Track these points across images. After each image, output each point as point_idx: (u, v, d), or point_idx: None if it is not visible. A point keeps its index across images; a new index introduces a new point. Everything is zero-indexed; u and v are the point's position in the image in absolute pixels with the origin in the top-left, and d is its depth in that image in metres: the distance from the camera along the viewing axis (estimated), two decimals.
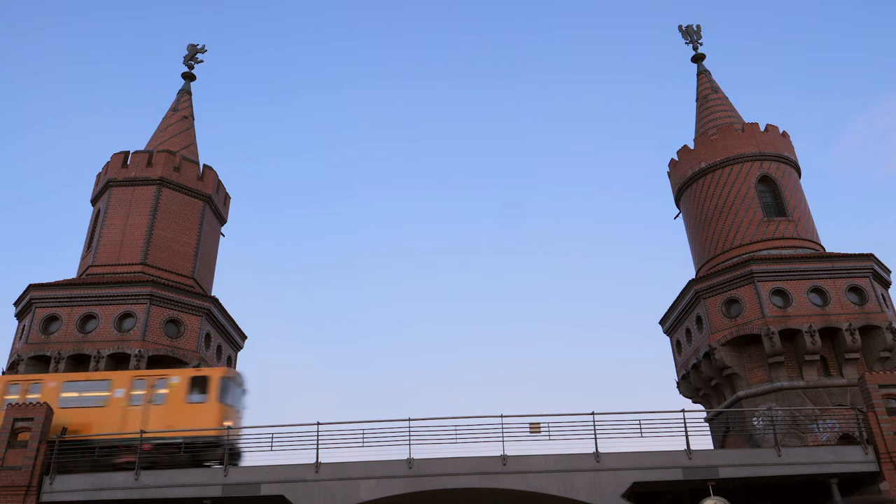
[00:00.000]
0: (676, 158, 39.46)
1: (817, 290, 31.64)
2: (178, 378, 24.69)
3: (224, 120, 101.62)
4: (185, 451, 23.24)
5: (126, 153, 37.10)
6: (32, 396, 24.64)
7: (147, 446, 23.21)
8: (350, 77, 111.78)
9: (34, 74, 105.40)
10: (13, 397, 24.82)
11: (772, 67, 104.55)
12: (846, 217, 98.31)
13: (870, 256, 32.27)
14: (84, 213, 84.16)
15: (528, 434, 23.14)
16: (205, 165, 38.27)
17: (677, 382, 36.55)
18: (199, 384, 24.41)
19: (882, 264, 32.92)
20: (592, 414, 22.91)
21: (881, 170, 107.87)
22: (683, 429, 22.63)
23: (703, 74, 42.58)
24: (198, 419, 23.81)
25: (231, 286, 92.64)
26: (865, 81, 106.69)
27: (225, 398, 24.48)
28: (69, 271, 70.79)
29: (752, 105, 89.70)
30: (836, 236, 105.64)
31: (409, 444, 22.48)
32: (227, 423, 23.85)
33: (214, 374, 24.73)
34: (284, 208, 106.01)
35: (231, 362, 36.96)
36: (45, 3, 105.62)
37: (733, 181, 36.08)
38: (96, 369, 30.14)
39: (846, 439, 27.72)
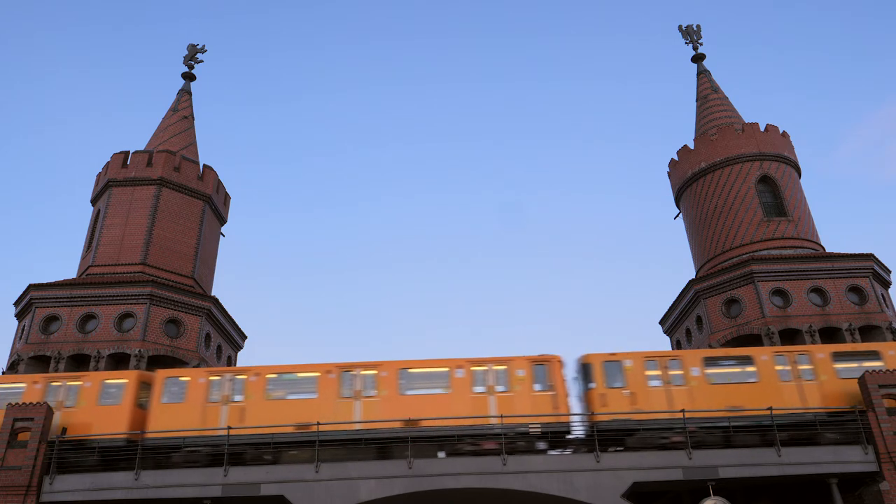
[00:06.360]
0: (676, 158, 39.43)
1: (817, 290, 31.61)
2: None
3: (224, 120, 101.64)
4: None
5: (126, 153, 37.06)
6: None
7: None
8: (351, 79, 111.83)
9: (35, 75, 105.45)
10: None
11: (774, 71, 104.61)
12: (846, 217, 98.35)
13: (870, 256, 32.25)
14: (84, 213, 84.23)
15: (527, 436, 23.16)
16: (205, 165, 38.25)
17: None
18: None
19: (882, 264, 32.89)
20: (592, 414, 22.94)
21: (882, 171, 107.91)
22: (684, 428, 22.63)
23: (703, 74, 42.55)
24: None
25: (231, 286, 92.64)
26: (868, 85, 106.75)
27: None
28: (69, 271, 70.86)
29: (752, 105, 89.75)
30: (836, 236, 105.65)
31: (409, 444, 22.50)
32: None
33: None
34: (284, 209, 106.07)
35: (231, 362, 36.95)
36: (46, 5, 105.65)
37: (733, 181, 36.05)
38: (96, 369, 30.12)
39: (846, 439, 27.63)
